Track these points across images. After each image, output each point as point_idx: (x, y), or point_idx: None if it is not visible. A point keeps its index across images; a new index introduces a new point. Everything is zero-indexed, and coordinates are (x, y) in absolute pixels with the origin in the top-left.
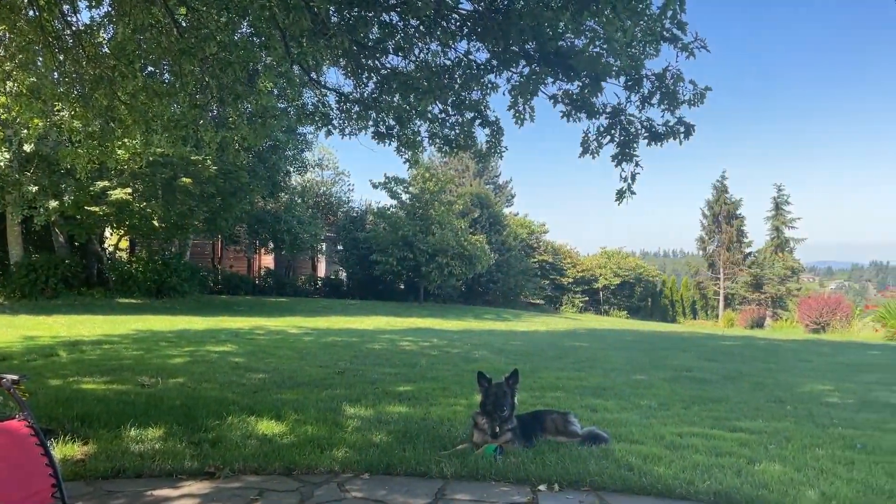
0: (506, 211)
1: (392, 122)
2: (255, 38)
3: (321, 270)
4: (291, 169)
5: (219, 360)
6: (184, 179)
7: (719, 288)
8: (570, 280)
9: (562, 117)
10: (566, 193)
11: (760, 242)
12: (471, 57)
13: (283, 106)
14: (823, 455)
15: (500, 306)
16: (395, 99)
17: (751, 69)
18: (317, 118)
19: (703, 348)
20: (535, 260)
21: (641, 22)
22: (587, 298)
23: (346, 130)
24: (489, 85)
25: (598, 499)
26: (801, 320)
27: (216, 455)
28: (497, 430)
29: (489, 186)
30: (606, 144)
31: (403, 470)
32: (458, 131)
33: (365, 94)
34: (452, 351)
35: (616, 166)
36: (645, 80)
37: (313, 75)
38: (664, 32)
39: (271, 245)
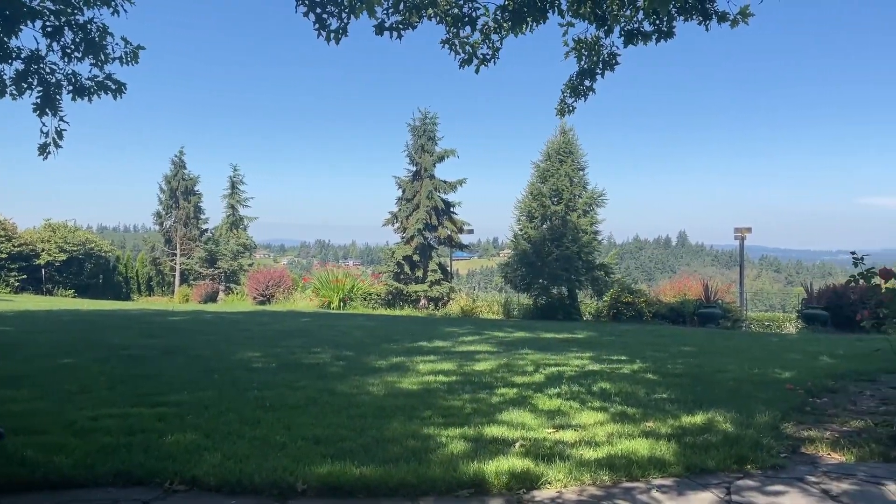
0: None
1: None
2: None
3: None
4: None
5: None
6: None
7: (175, 264)
8: (5, 256)
9: None
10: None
11: (218, 220)
12: None
13: None
14: (235, 418)
15: None
16: None
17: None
18: None
19: (149, 325)
20: None
21: None
22: (26, 276)
23: None
24: None
25: None
26: (250, 293)
27: None
28: None
29: None
30: (26, 91)
31: None
32: None
33: None
34: None
35: (39, 118)
36: (67, 28)
37: None
38: None
39: None
